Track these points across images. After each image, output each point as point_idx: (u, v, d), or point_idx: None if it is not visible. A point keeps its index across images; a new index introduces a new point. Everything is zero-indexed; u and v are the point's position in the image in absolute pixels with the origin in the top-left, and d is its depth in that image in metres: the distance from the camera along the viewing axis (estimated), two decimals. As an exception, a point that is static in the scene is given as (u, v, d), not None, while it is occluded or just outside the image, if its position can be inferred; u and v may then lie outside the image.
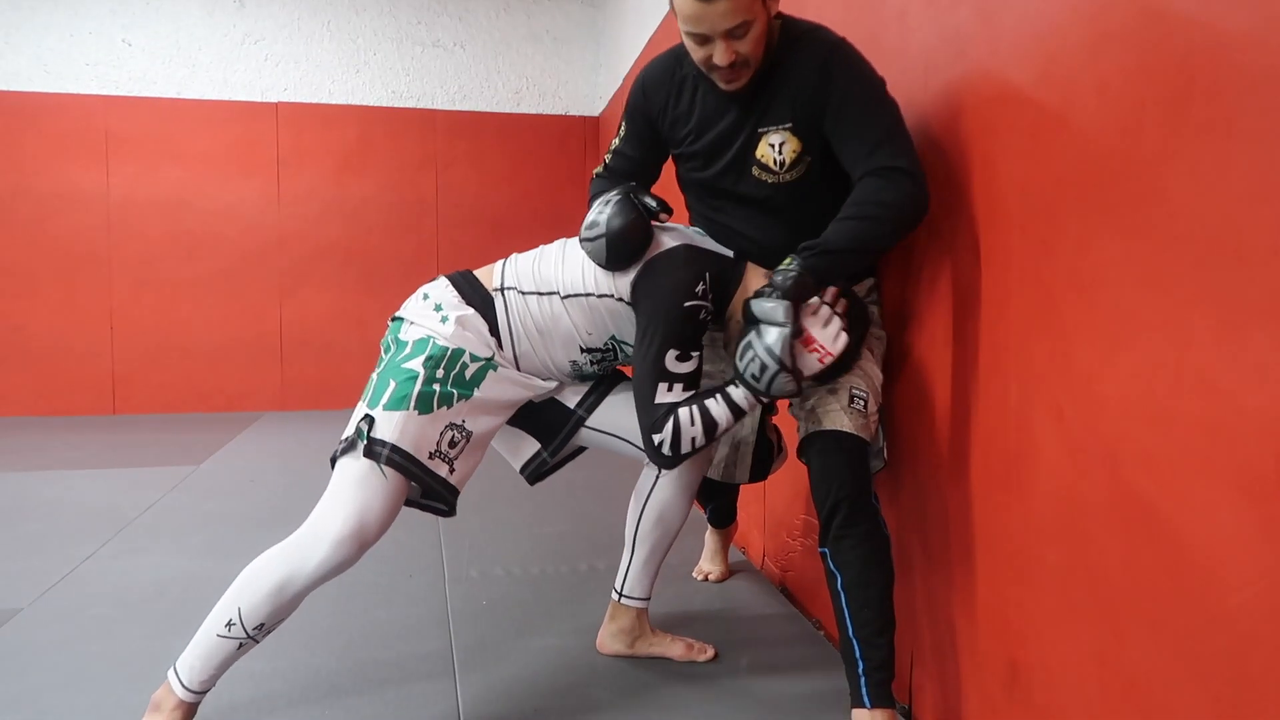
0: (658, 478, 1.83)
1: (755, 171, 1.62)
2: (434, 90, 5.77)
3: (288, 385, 5.64)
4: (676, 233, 1.65)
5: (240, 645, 1.49)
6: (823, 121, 1.55)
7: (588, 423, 1.75)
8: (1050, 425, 1.28)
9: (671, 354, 1.54)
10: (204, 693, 1.52)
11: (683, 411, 1.53)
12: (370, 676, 1.86)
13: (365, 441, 1.48)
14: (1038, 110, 1.29)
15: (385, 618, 2.17)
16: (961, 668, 1.56)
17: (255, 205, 5.55)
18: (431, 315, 1.59)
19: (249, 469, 3.97)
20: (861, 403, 1.59)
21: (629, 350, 1.67)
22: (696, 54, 1.51)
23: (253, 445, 4.53)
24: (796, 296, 1.45)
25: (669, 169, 1.81)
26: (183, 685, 1.50)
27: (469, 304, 1.61)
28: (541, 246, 1.71)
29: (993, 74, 1.41)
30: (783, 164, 1.60)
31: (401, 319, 1.63)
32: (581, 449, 1.82)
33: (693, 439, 1.53)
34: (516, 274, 1.65)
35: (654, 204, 1.60)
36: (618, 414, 1.74)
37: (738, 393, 1.53)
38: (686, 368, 1.55)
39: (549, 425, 1.75)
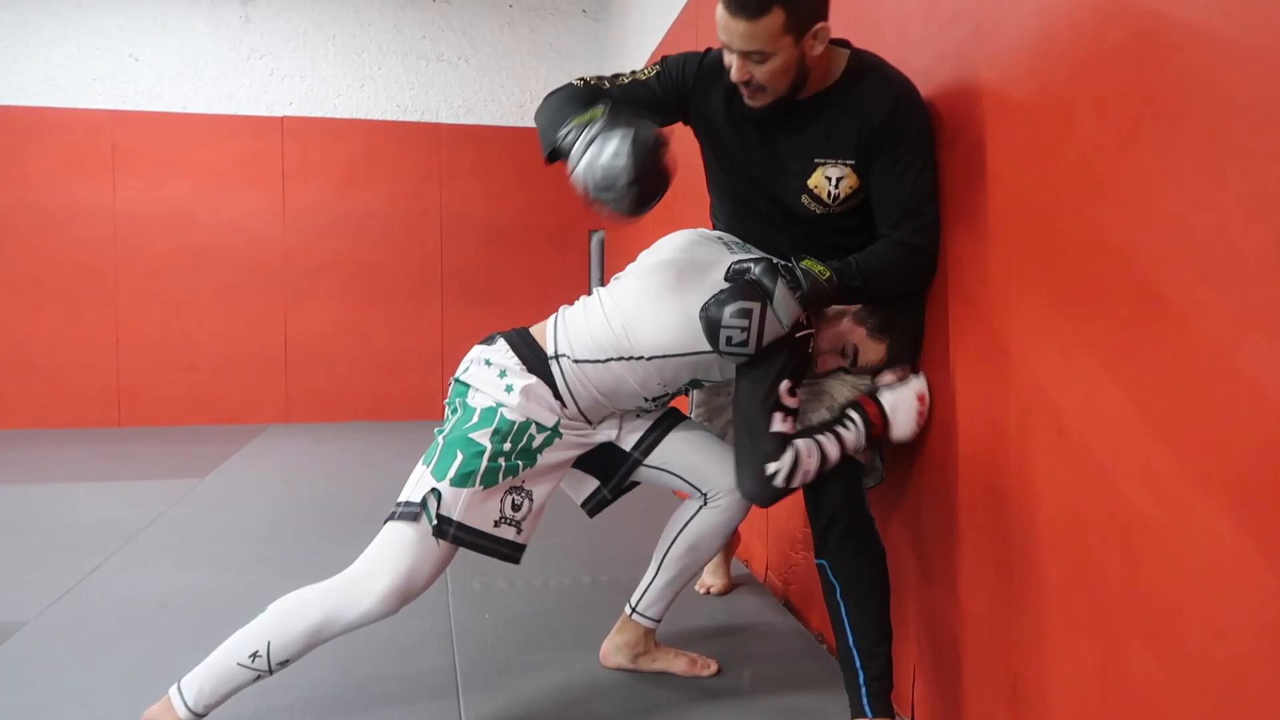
0: (700, 508, 1.79)
1: (805, 200, 1.61)
2: (438, 104, 5.80)
3: (292, 398, 5.65)
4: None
5: (259, 677, 1.50)
6: (876, 160, 1.55)
7: (645, 462, 1.75)
8: (1049, 440, 1.28)
9: (785, 385, 1.53)
10: (206, 715, 1.51)
11: (800, 443, 1.54)
12: (373, 691, 1.86)
13: (435, 521, 1.49)
14: (1036, 126, 1.30)
15: (389, 631, 2.16)
16: (963, 681, 1.56)
17: (260, 219, 5.58)
18: (497, 383, 1.58)
19: (253, 482, 3.98)
20: None
21: (707, 382, 1.68)
22: (725, 58, 1.51)
23: (257, 458, 4.54)
24: (814, 297, 1.50)
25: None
26: (187, 706, 1.49)
27: (532, 371, 1.60)
28: (583, 302, 1.68)
29: (991, 91, 1.42)
30: (836, 198, 1.59)
31: (467, 385, 1.61)
32: (637, 483, 1.80)
33: (805, 472, 1.54)
34: (569, 340, 1.62)
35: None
36: (676, 452, 1.75)
37: (849, 434, 1.55)
38: (795, 401, 1.55)
39: (607, 467, 1.76)
